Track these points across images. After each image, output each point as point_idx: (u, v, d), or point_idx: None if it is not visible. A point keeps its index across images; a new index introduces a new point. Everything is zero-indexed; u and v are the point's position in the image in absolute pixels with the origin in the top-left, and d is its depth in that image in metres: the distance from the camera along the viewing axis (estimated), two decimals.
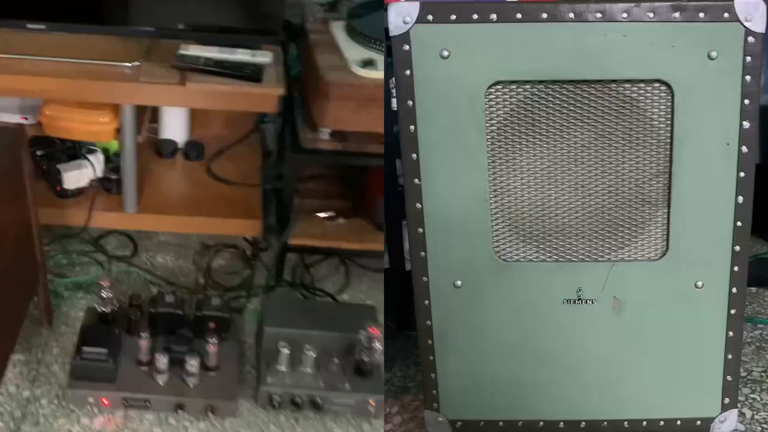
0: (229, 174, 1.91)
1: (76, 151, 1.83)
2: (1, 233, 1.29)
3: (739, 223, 1.07)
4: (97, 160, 1.82)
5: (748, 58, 1.01)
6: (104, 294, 1.49)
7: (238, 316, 1.65)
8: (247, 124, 2.06)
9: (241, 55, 1.63)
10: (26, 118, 1.81)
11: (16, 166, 1.36)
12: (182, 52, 1.61)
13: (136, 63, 1.59)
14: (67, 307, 1.66)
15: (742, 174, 1.05)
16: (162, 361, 1.39)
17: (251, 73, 1.57)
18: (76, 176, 1.78)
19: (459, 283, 1.13)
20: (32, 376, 1.48)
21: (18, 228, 1.40)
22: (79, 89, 1.57)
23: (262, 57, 1.63)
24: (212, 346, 1.42)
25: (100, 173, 1.81)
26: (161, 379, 1.41)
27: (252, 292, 1.77)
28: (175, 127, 1.99)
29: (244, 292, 1.76)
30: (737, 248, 1.09)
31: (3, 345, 1.36)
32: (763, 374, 1.43)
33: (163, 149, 1.97)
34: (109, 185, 1.80)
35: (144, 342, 1.41)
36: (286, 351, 1.43)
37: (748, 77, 1.01)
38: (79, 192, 1.79)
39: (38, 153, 1.80)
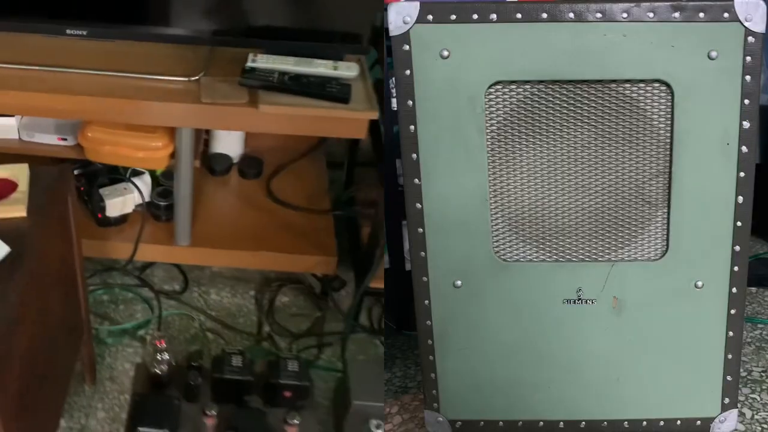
0: (292, 196, 1.68)
1: (119, 172, 1.61)
2: (50, 282, 1.17)
3: (739, 223, 1.07)
4: (144, 184, 1.59)
5: (748, 58, 1.01)
6: (159, 356, 1.26)
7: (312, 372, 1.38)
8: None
9: (322, 68, 1.38)
10: (65, 139, 1.56)
11: (62, 211, 1.21)
12: (251, 64, 1.37)
13: (195, 78, 1.35)
14: (111, 358, 1.46)
15: (742, 174, 1.05)
16: None
17: (337, 93, 1.33)
18: (120, 203, 1.57)
19: (459, 283, 1.13)
20: None
21: (63, 273, 1.25)
22: (126, 110, 1.34)
23: (347, 70, 1.39)
24: (292, 429, 1.21)
25: (146, 197, 1.59)
26: None
27: (323, 340, 1.55)
28: (228, 140, 1.77)
29: (315, 340, 1.54)
30: (737, 248, 1.09)
31: (52, 414, 1.21)
32: (763, 374, 1.43)
33: (216, 165, 1.73)
34: (157, 212, 1.58)
35: (211, 420, 1.20)
36: None
37: (748, 77, 1.01)
38: (122, 219, 1.59)
39: (75, 172, 1.57)
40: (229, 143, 1.78)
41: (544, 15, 1.02)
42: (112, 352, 1.49)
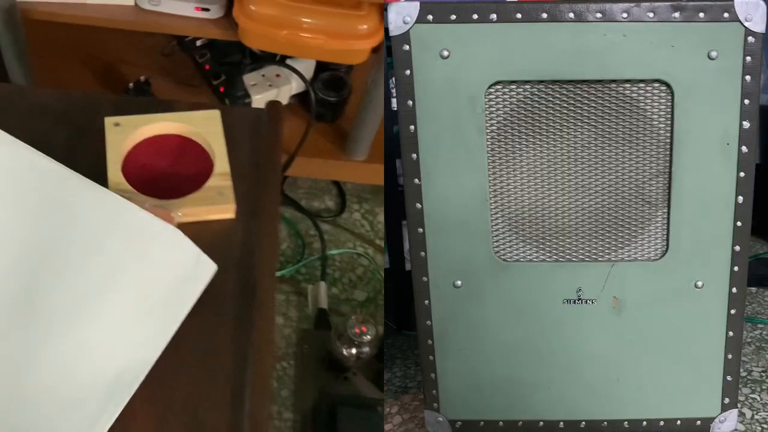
0: None
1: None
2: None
3: (739, 223, 1.07)
4: (305, 67, 1.15)
5: (748, 58, 1.01)
6: (352, 343, 1.07)
7: None
8: None
9: None
10: (206, 9, 1.08)
11: (272, 188, 0.83)
12: None
13: None
14: None
15: (742, 174, 1.05)
16: None
17: None
18: (271, 97, 1.13)
19: (459, 283, 1.13)
20: None
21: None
22: None
23: None
24: None
25: (305, 85, 1.13)
26: None
27: None
28: None
29: None
30: (737, 248, 1.09)
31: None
32: (763, 374, 1.43)
33: None
34: (321, 110, 1.16)
35: None
36: None
37: (748, 77, 1.01)
38: None
39: (198, 44, 1.15)
40: None
41: (544, 15, 1.02)
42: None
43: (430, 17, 1.02)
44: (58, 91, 0.87)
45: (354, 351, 1.10)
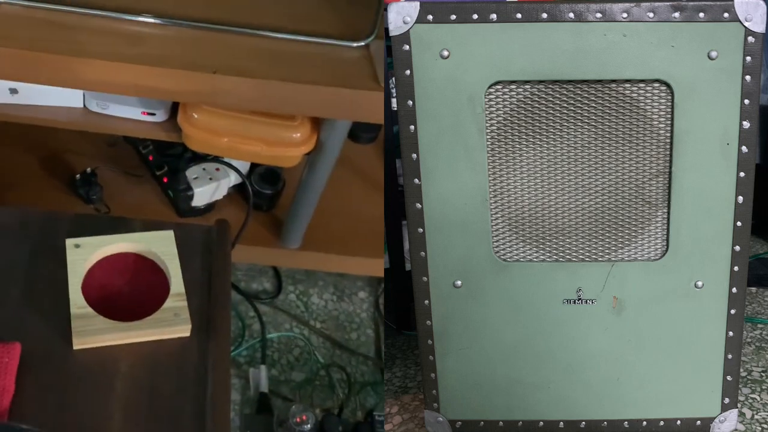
0: None
1: None
2: None
3: (739, 223, 1.07)
4: (243, 163, 1.23)
5: (748, 58, 1.01)
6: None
7: None
8: None
9: None
10: (152, 114, 1.12)
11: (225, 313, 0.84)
12: None
13: (362, 42, 0.93)
14: None
15: (742, 174, 1.05)
16: None
17: None
18: (212, 189, 1.21)
19: (459, 283, 1.13)
20: None
21: None
22: (268, 95, 0.90)
23: None
24: None
25: (241, 178, 1.22)
26: None
27: None
28: None
29: None
30: (737, 248, 1.08)
31: None
32: (763, 374, 1.43)
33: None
34: (259, 201, 1.24)
35: None
36: None
37: (748, 77, 1.01)
38: (208, 208, 1.24)
39: (147, 149, 1.20)
40: None
41: (544, 15, 1.02)
42: None
43: (430, 17, 1.02)
44: (16, 209, 0.92)
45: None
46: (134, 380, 0.80)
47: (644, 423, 1.18)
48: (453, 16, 1.02)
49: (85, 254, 0.85)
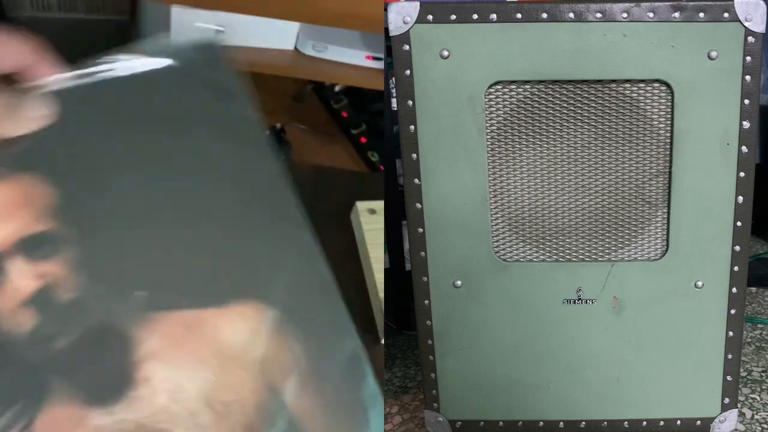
0: None
1: None
2: None
3: (739, 223, 1.07)
4: None
5: (748, 58, 1.01)
6: None
7: None
8: None
9: None
10: (378, 59, 0.97)
11: None
12: None
13: None
14: None
15: (742, 174, 1.05)
16: None
17: None
18: None
19: (459, 283, 1.13)
20: None
21: None
22: None
23: None
24: None
25: None
26: None
27: None
28: None
29: None
30: (737, 248, 1.09)
31: None
32: (763, 374, 1.43)
33: None
34: None
35: None
36: None
37: (748, 77, 1.01)
38: None
39: (340, 104, 1.02)
40: None
41: (544, 15, 1.02)
42: None
43: (430, 17, 1.02)
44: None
45: None
46: None
47: (644, 423, 1.18)
48: (453, 16, 1.02)
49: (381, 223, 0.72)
